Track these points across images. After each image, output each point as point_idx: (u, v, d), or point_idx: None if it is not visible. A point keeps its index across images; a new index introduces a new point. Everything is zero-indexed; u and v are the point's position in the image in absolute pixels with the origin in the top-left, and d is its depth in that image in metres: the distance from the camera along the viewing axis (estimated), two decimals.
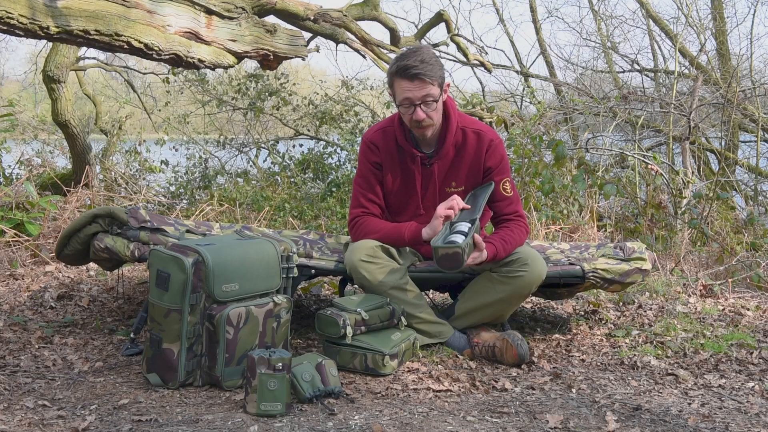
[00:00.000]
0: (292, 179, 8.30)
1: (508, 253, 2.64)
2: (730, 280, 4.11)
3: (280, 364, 2.09)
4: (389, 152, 2.75)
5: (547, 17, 21.15)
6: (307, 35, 6.08)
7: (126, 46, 3.87)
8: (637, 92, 8.81)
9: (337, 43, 6.07)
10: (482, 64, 7.85)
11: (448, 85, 2.68)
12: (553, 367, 2.64)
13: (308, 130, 9.54)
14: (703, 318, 3.30)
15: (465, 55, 7.62)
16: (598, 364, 2.69)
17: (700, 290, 3.83)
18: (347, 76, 9.45)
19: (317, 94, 9.37)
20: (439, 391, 2.35)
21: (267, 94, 8.98)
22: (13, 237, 4.23)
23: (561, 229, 5.01)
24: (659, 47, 11.01)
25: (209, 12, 4.30)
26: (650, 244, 5.28)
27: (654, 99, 8.60)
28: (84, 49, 7.36)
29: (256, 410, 2.08)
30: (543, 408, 2.21)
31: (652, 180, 6.12)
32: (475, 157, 2.72)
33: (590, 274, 2.84)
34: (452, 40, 7.46)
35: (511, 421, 2.09)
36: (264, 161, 9.82)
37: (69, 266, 3.81)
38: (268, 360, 2.09)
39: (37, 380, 2.37)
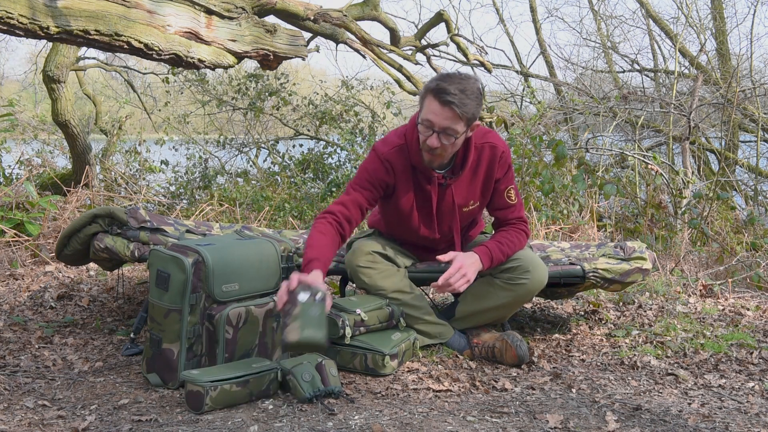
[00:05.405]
0: (292, 179, 8.30)
1: (506, 256, 2.63)
2: (730, 280, 4.11)
3: (320, 293, 2.10)
4: (405, 173, 2.62)
5: (547, 17, 21.25)
6: (307, 35, 6.09)
7: (126, 46, 3.87)
8: (637, 92, 8.81)
9: (337, 43, 6.07)
10: (482, 64, 7.85)
11: (478, 125, 2.53)
12: (553, 367, 2.64)
13: (308, 130, 9.54)
14: (703, 318, 3.29)
15: (465, 55, 7.62)
16: (598, 364, 2.69)
17: (700, 290, 3.83)
18: (347, 76, 9.47)
19: (317, 94, 9.38)
20: (439, 391, 2.35)
21: (267, 94, 8.99)
22: (13, 237, 4.23)
23: (561, 229, 5.01)
24: (659, 47, 11.03)
25: (209, 12, 4.30)
26: (650, 244, 5.28)
27: (654, 99, 8.60)
28: (84, 49, 7.36)
29: (300, 337, 2.05)
30: (543, 408, 2.21)
31: (652, 180, 6.12)
32: (488, 171, 2.66)
33: (591, 274, 2.84)
34: (452, 40, 7.46)
35: (511, 421, 2.09)
36: (264, 161, 9.82)
37: (69, 266, 3.81)
38: (309, 287, 2.08)
39: (37, 380, 2.37)
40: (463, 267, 2.48)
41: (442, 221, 2.69)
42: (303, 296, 2.12)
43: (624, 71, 11.31)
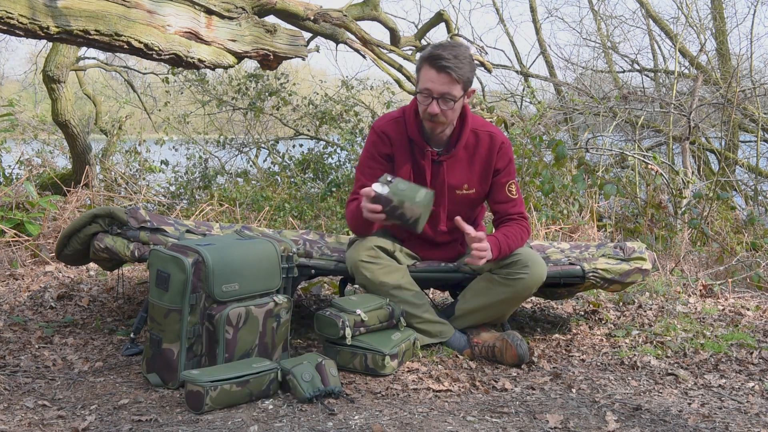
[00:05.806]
0: (292, 179, 8.30)
1: (511, 250, 2.63)
2: (730, 280, 4.11)
3: (387, 176, 2.45)
4: (402, 144, 2.69)
5: (547, 17, 21.23)
6: (307, 35, 6.09)
7: (126, 46, 3.87)
8: (637, 92, 8.81)
9: (337, 43, 6.07)
10: (482, 64, 7.84)
11: (473, 91, 2.63)
12: (553, 367, 2.64)
13: (308, 130, 9.54)
14: (703, 318, 3.30)
15: None
16: (598, 364, 2.69)
17: (700, 290, 3.83)
18: (347, 76, 9.47)
19: (317, 94, 9.38)
20: (439, 391, 2.35)
21: (267, 94, 8.99)
22: (13, 237, 4.23)
23: (561, 229, 5.01)
24: (659, 47, 11.03)
25: (209, 12, 4.30)
26: (650, 244, 5.28)
27: (654, 99, 8.60)
28: (84, 49, 7.36)
29: (419, 206, 2.40)
30: (543, 408, 2.21)
31: (652, 180, 6.12)
32: (487, 159, 2.71)
33: (590, 274, 2.84)
34: (452, 40, 7.45)
35: (511, 421, 2.09)
36: (264, 161, 9.83)
37: (69, 266, 3.81)
38: (376, 182, 2.43)
39: (37, 380, 2.37)
40: (486, 243, 2.54)
41: (438, 201, 2.71)
42: (383, 188, 2.43)
43: (624, 71, 11.31)
